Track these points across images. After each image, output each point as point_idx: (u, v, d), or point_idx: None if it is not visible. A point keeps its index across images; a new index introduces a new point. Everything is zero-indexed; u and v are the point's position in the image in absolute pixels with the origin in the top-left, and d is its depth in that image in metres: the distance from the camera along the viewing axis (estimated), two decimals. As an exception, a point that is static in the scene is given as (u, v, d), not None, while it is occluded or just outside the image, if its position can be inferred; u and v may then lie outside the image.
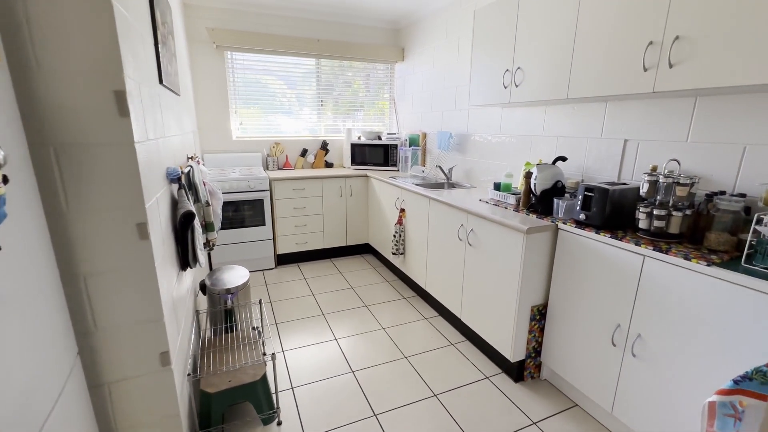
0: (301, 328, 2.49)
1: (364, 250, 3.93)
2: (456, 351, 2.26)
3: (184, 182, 1.69)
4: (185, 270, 1.77)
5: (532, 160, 2.43)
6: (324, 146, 3.99)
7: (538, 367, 2.01)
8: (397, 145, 3.72)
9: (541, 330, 1.94)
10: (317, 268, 3.51)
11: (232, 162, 3.64)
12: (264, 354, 1.82)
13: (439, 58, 3.36)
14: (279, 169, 3.82)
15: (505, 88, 2.20)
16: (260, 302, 2.12)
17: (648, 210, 1.48)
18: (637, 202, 1.59)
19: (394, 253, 3.05)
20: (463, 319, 2.31)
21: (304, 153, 3.92)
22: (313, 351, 2.24)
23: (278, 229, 3.43)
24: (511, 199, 2.18)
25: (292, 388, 1.93)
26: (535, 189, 1.95)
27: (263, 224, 3.33)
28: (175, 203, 1.69)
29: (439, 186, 3.14)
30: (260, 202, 3.27)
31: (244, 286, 2.19)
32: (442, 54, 3.30)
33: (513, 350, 1.91)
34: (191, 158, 2.31)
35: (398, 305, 2.82)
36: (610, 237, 1.54)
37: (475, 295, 2.17)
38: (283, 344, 2.31)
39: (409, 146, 3.74)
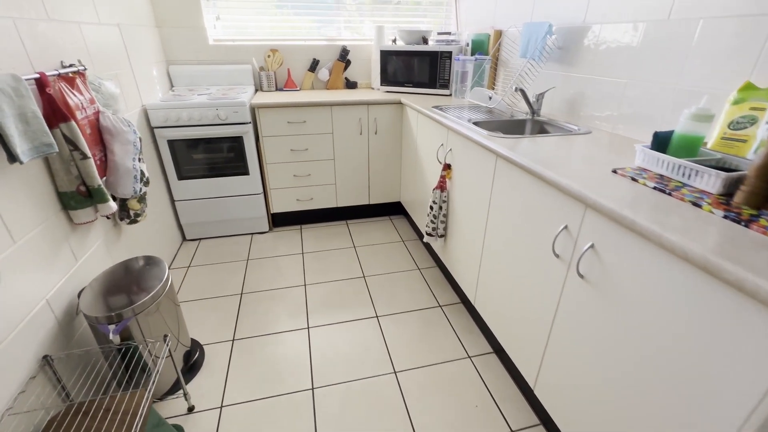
0: (270, 354, 1.58)
1: (393, 210, 2.83)
2: (519, 453, 1.22)
3: None
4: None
5: (763, 81, 1.03)
6: (343, 56, 2.71)
7: None
8: (451, 53, 2.34)
9: None
10: (325, 236, 2.52)
11: (209, 77, 2.55)
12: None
13: None
14: (278, 90, 2.67)
15: None
16: (165, 339, 1.20)
17: None
18: None
19: (429, 234, 1.92)
20: (539, 396, 1.22)
21: (314, 66, 2.70)
22: (270, 413, 1.33)
23: (270, 179, 2.42)
24: (708, 179, 0.89)
25: None
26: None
27: (246, 172, 2.33)
28: None
29: (515, 126, 1.82)
30: (238, 140, 2.23)
31: (153, 302, 1.26)
32: None
33: None
34: (67, 71, 1.28)
35: (428, 320, 1.78)
36: None
37: (579, 378, 1.03)
38: (226, 389, 1.43)
39: (471, 55, 2.34)
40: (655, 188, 0.92)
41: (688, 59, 1.20)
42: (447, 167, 1.78)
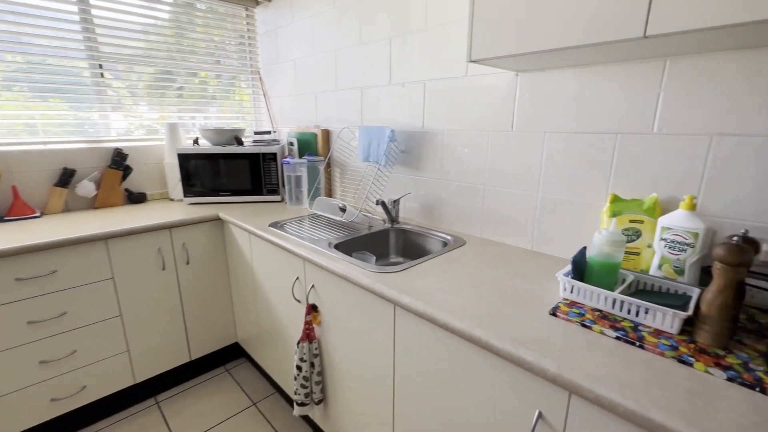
0: None
1: (229, 355, 2.07)
2: None
3: None
4: None
5: (625, 191, 1.07)
6: (118, 161, 1.94)
7: None
8: (275, 154, 1.97)
9: None
10: (119, 444, 1.53)
11: None
12: None
13: (344, -14, 1.75)
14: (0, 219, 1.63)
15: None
16: None
17: None
18: None
19: (302, 404, 1.36)
20: None
21: (66, 179, 1.81)
22: None
23: (-17, 385, 1.33)
24: (664, 318, 0.77)
25: None
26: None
27: None
28: None
29: (379, 240, 1.56)
30: None
31: None
32: (352, -23, 1.70)
33: None
34: None
35: None
36: None
37: None
38: None
39: (300, 156, 2.04)
40: (618, 338, 0.75)
41: (543, 168, 1.21)
42: (312, 308, 1.31)
